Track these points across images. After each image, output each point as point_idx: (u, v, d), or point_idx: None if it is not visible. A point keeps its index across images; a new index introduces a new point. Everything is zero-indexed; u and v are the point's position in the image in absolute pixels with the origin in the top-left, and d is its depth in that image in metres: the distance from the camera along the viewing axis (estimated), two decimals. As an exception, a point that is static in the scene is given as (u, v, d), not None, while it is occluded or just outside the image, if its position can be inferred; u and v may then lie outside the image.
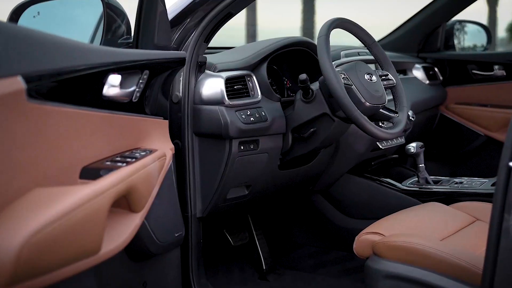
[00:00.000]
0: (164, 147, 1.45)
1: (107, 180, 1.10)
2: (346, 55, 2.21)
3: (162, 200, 1.42)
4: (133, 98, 1.33)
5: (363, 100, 1.71)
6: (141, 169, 1.24)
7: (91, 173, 1.12)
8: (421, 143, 2.11)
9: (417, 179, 2.13)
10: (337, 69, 1.74)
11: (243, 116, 1.69)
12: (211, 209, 1.76)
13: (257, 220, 2.25)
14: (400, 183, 2.14)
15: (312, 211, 2.28)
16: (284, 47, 1.89)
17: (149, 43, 1.46)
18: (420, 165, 2.10)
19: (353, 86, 1.71)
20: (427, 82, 2.78)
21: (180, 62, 1.51)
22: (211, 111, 1.67)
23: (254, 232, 2.21)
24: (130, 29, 1.54)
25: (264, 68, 1.82)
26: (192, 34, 1.66)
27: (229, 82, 1.71)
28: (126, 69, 1.28)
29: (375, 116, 1.80)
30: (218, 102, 1.67)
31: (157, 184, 1.35)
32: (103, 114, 1.19)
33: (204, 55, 1.72)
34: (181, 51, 1.64)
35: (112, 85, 1.23)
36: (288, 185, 2.01)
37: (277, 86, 1.98)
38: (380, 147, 2.17)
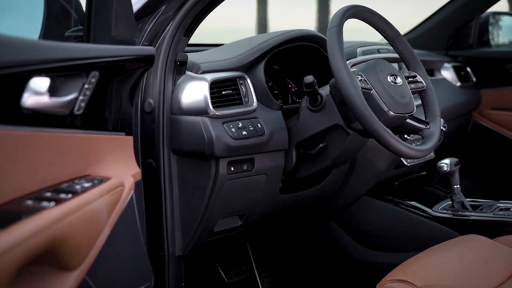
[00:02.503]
0: (123, 174, 1.14)
1: (20, 230, 0.80)
2: (364, 53, 1.92)
3: (117, 245, 1.11)
4: (76, 109, 1.03)
5: (385, 109, 1.42)
6: (79, 209, 0.94)
7: None
8: (456, 159, 1.83)
9: (451, 203, 1.86)
10: (353, 69, 1.46)
11: (233, 129, 1.40)
12: (194, 245, 1.48)
13: (258, 250, 2.01)
14: (430, 207, 1.88)
15: (323, 241, 2.05)
16: (287, 42, 1.60)
17: (105, 36, 1.18)
18: (455, 186, 1.82)
19: (372, 91, 1.43)
20: (458, 84, 2.57)
21: (146, 60, 1.20)
22: (192, 123, 1.39)
23: (253, 265, 1.99)
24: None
25: (261, 69, 1.53)
26: (168, 26, 1.38)
27: (215, 86, 1.43)
28: (59, 70, 0.96)
29: (401, 128, 1.52)
30: (200, 111, 1.39)
31: (107, 226, 1.03)
32: (23, 133, 0.90)
33: (184, 53, 1.43)
34: (148, 47, 1.33)
35: (37, 92, 0.92)
36: (292, 211, 1.74)
37: (279, 91, 1.70)
38: (405, 163, 1.97)
